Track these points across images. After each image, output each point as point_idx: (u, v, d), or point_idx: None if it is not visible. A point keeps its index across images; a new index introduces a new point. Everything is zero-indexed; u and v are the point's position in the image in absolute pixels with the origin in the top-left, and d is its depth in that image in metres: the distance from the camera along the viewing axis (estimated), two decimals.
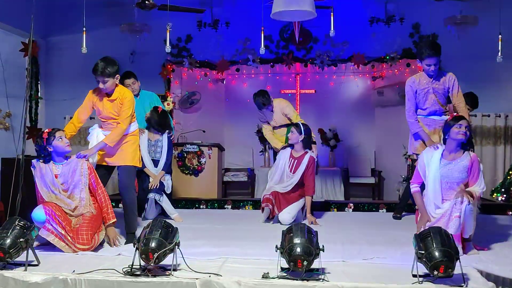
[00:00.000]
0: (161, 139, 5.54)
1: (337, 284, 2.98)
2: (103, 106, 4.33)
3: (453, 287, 2.94)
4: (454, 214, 3.71)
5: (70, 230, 3.84)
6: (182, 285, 3.06)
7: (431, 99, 4.54)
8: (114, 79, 4.24)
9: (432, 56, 4.39)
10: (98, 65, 4.21)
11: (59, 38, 8.31)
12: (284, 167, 5.28)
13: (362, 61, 7.91)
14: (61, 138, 4.03)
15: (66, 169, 4.01)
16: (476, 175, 3.93)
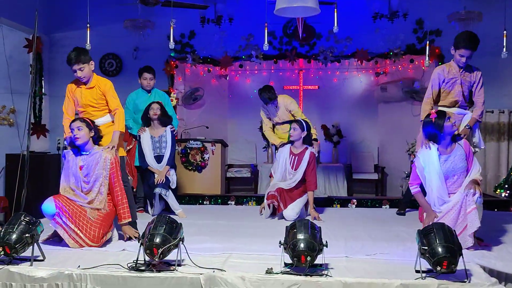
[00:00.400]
0: (165, 134, 5.55)
1: (341, 280, 2.99)
2: (81, 95, 4.40)
3: (456, 282, 2.95)
4: (470, 208, 3.71)
5: (81, 222, 3.83)
6: (187, 280, 3.08)
7: (457, 90, 4.53)
8: (90, 65, 4.36)
9: (467, 48, 4.40)
10: (71, 55, 4.36)
11: (62, 34, 8.35)
12: (285, 164, 5.29)
13: (365, 57, 7.91)
14: (72, 130, 4.02)
15: (90, 160, 3.99)
16: (472, 157, 4.02)
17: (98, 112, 4.39)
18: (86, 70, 4.31)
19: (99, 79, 4.42)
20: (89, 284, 3.10)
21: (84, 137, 3.99)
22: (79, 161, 4.02)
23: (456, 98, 4.56)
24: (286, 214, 5.08)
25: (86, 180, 3.97)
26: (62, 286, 3.11)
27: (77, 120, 4.06)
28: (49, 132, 8.38)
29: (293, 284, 2.99)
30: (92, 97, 4.35)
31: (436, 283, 2.93)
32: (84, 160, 4.01)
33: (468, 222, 3.70)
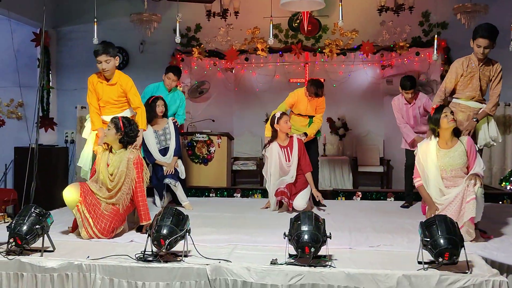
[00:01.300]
0: (168, 126, 5.61)
1: (344, 271, 3.04)
2: (103, 91, 4.46)
3: (458, 273, 2.99)
4: (469, 197, 3.75)
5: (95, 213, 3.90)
6: (193, 270, 3.14)
7: (475, 84, 4.45)
8: (115, 60, 4.41)
9: (484, 37, 4.31)
10: (99, 46, 4.42)
11: (69, 28, 8.42)
12: (280, 160, 5.29)
13: (371, 50, 7.91)
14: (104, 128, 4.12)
15: (116, 159, 4.05)
16: (474, 156, 4.01)
17: (118, 108, 4.45)
18: (111, 64, 4.38)
19: (121, 76, 4.47)
20: (98, 274, 3.18)
21: (109, 137, 4.05)
22: (107, 158, 4.09)
23: (473, 93, 4.48)
24: (296, 204, 5.12)
25: (111, 178, 4.02)
26: (72, 276, 3.18)
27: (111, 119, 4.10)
28: (57, 125, 8.46)
29: (297, 275, 3.04)
30: (113, 94, 4.41)
31: (437, 274, 2.97)
32: (111, 159, 4.08)
33: (464, 210, 3.75)
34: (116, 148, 4.09)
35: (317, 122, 5.81)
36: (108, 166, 4.05)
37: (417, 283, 2.96)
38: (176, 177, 5.42)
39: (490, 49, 4.37)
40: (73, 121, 8.48)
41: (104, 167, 4.04)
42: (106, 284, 3.17)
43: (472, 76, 4.44)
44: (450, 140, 4.05)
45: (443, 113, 4.00)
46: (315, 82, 5.77)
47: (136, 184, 4.02)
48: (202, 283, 3.13)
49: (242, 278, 3.07)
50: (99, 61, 4.36)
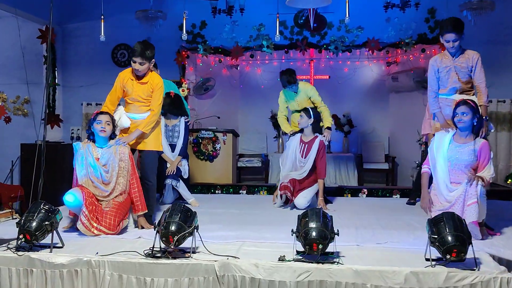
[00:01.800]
0: (178, 124, 5.63)
1: (352, 267, 3.05)
2: (132, 88, 4.41)
3: (465, 270, 3.00)
4: (470, 201, 3.75)
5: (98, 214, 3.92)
6: (201, 267, 3.16)
7: (453, 77, 4.52)
8: (150, 64, 4.34)
9: (450, 31, 4.39)
10: (137, 47, 4.28)
11: (75, 25, 8.43)
12: (295, 153, 5.34)
13: (376, 47, 7.89)
14: (100, 121, 4.09)
15: (106, 153, 4.09)
16: (486, 160, 3.98)
17: (145, 107, 4.42)
18: (145, 67, 4.30)
19: (153, 77, 4.41)
20: (107, 270, 3.19)
21: (108, 132, 4.11)
22: (94, 152, 4.11)
23: (454, 85, 4.55)
24: (297, 202, 5.14)
25: (105, 169, 4.06)
26: (81, 272, 3.20)
27: (107, 115, 4.14)
28: (63, 122, 8.48)
29: (305, 272, 3.06)
30: (142, 93, 4.37)
31: (445, 271, 2.98)
32: (99, 153, 4.11)
33: (465, 213, 3.74)
34: (105, 143, 4.13)
35: (324, 111, 5.76)
36: (97, 160, 4.07)
37: (425, 279, 2.97)
38: (177, 177, 5.44)
39: (459, 41, 4.44)
40: (78, 118, 8.51)
41: (94, 161, 4.07)
42: (115, 280, 3.19)
43: (448, 70, 4.51)
44: (465, 136, 4.05)
45: (455, 112, 4.04)
46: (284, 72, 5.82)
47: (131, 176, 4.11)
48: (211, 279, 3.14)
49: (251, 274, 3.09)
50: (134, 61, 4.29)
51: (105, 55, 8.40)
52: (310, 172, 5.30)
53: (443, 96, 4.61)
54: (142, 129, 4.35)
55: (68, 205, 3.95)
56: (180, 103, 5.71)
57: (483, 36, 7.20)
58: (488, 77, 5.96)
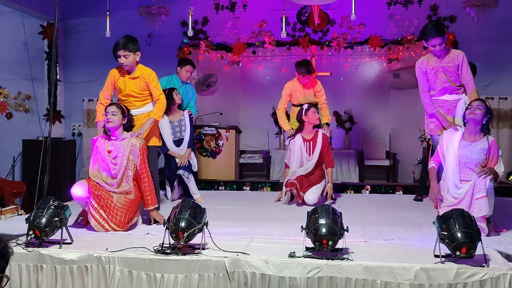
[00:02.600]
0: (183, 117, 5.67)
1: (362, 264, 3.07)
2: (125, 85, 4.44)
3: (475, 267, 3.01)
4: (479, 195, 3.76)
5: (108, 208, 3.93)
6: (212, 263, 3.17)
7: (441, 78, 4.57)
8: (135, 55, 4.38)
9: (435, 36, 4.44)
10: (120, 40, 4.38)
11: (77, 21, 8.40)
12: (301, 151, 5.35)
13: (378, 44, 7.90)
14: (107, 112, 4.10)
15: (118, 145, 4.09)
16: (496, 158, 4.01)
17: (140, 102, 4.45)
18: (130, 59, 4.35)
19: (143, 69, 4.45)
20: (117, 266, 3.20)
21: (116, 122, 4.09)
22: (107, 146, 4.11)
23: (443, 85, 4.59)
24: (307, 198, 5.15)
25: (114, 161, 4.06)
26: (91, 268, 3.21)
27: (113, 105, 4.14)
28: (64, 118, 8.47)
29: (315, 268, 3.07)
30: (135, 87, 4.41)
31: (455, 268, 3.00)
32: (113, 145, 4.11)
33: (473, 207, 3.76)
34: (118, 134, 4.12)
35: (325, 108, 5.81)
36: (109, 152, 4.08)
37: (435, 276, 2.99)
38: (189, 169, 5.44)
39: (444, 44, 4.48)
40: (80, 114, 8.49)
41: (105, 154, 4.07)
42: (125, 276, 3.20)
43: (436, 71, 4.54)
44: (474, 134, 4.06)
45: (470, 105, 4.06)
46: (302, 62, 5.88)
47: (142, 170, 4.09)
48: (221, 275, 3.15)
49: (261, 270, 3.10)
50: (118, 55, 4.35)
51: (106, 51, 8.22)
52: (315, 167, 5.31)
53: (434, 98, 4.66)
54: (154, 117, 4.40)
55: (74, 197, 3.96)
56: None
57: (486, 33, 7.22)
58: (490, 74, 6.00)
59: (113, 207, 3.94)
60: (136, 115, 4.42)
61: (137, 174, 4.11)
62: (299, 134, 5.40)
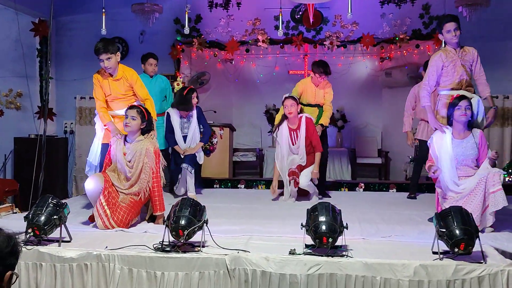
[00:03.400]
0: (192, 114, 5.72)
1: (361, 260, 3.09)
2: (109, 87, 4.49)
3: (473, 263, 3.05)
4: (495, 188, 3.83)
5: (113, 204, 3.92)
6: (212, 260, 3.17)
7: (459, 71, 4.46)
8: (116, 56, 4.43)
9: (450, 21, 4.40)
10: (99, 44, 4.42)
11: (69, 18, 8.32)
12: (288, 142, 5.42)
13: (371, 42, 7.93)
14: (126, 116, 4.09)
15: (132, 148, 4.08)
16: (486, 150, 4.12)
17: (125, 102, 4.47)
18: (113, 61, 4.39)
19: (125, 70, 4.49)
20: (117, 264, 3.19)
21: (134, 127, 4.07)
22: (123, 148, 4.11)
23: (462, 78, 4.49)
24: (300, 181, 5.24)
25: (130, 165, 4.05)
26: (91, 266, 3.20)
27: (134, 109, 4.10)
28: (56, 115, 8.40)
29: (316, 265, 3.09)
30: (120, 89, 4.45)
31: (454, 264, 3.03)
32: (128, 148, 4.10)
33: (490, 201, 3.82)
34: (133, 137, 4.10)
35: (328, 110, 5.85)
36: (125, 155, 4.06)
37: (434, 272, 3.02)
38: (192, 163, 5.50)
39: (459, 32, 4.44)
40: (72, 112, 8.42)
41: (121, 156, 4.06)
42: (125, 274, 3.19)
43: (455, 64, 4.46)
44: (462, 131, 4.14)
45: (458, 105, 4.07)
46: (320, 62, 5.93)
47: (154, 174, 4.06)
48: (221, 273, 3.16)
49: (261, 268, 3.11)
50: (101, 59, 4.39)
51: None
52: (309, 155, 5.41)
53: (447, 93, 4.51)
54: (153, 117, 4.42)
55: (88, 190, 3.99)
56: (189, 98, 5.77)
57: (478, 32, 7.26)
58: None
59: (117, 205, 3.94)
60: (122, 115, 4.38)
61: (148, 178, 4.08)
62: (285, 124, 5.45)
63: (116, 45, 4.51)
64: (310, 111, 5.80)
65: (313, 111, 5.82)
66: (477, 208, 3.82)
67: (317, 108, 5.84)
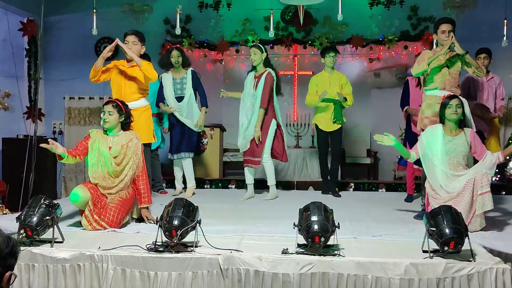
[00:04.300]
0: (185, 75, 5.81)
1: (354, 259, 3.13)
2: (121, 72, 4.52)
3: (463, 261, 3.11)
4: (484, 190, 3.88)
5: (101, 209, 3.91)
6: (205, 260, 3.19)
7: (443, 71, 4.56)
8: (141, 47, 4.51)
9: (446, 23, 4.55)
10: (131, 30, 4.62)
11: (57, 17, 8.25)
12: (250, 87, 5.68)
13: (360, 43, 8.01)
14: (106, 112, 4.06)
15: (117, 141, 4.07)
16: (480, 146, 4.18)
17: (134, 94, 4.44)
18: (136, 49, 4.51)
19: None
20: (111, 265, 3.20)
21: (113, 122, 4.06)
22: (108, 141, 4.08)
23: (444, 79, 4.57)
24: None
25: (117, 160, 4.04)
26: (84, 266, 3.20)
27: (109, 104, 4.09)
28: (45, 116, 8.34)
29: (308, 264, 3.12)
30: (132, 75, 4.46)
31: (444, 262, 3.08)
32: (112, 142, 4.08)
33: (477, 203, 3.88)
34: (115, 131, 4.10)
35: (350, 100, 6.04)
36: (110, 149, 4.04)
37: (424, 271, 3.07)
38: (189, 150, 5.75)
39: (452, 33, 4.54)
40: (61, 112, 8.37)
41: (107, 150, 4.03)
42: (119, 274, 3.19)
43: (441, 64, 4.55)
44: (454, 129, 4.22)
45: (449, 104, 4.14)
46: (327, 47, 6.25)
47: (140, 165, 4.08)
48: (214, 272, 3.18)
49: (254, 267, 3.13)
50: (127, 41, 4.46)
51: (88, 48, 8.29)
52: None
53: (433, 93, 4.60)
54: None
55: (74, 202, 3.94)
56: (187, 58, 5.99)
57: (465, 34, 7.33)
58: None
59: (106, 207, 3.93)
60: (132, 108, 4.39)
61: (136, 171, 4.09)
62: (253, 72, 5.73)
63: (144, 39, 4.60)
64: (324, 107, 5.91)
65: (327, 107, 5.92)
66: (465, 209, 3.86)
67: (333, 104, 5.88)
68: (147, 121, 4.58)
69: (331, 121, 5.88)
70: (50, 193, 7.70)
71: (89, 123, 8.25)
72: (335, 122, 5.88)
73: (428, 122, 4.52)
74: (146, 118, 4.59)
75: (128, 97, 4.47)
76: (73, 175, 8.23)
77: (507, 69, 7.58)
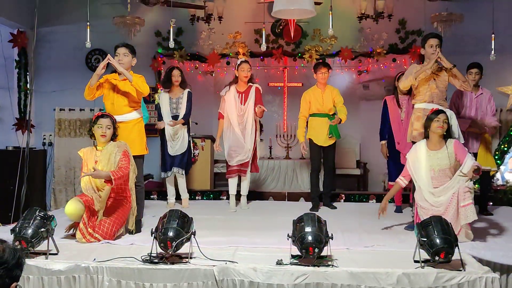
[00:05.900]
0: (182, 96, 6.00)
1: (347, 270, 3.18)
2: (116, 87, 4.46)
3: (453, 271, 3.17)
4: (466, 202, 3.95)
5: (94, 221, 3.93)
6: (200, 272, 3.22)
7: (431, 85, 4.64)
8: (132, 60, 4.48)
9: (434, 37, 4.67)
10: (121, 42, 4.59)
11: (48, 29, 8.26)
12: (236, 102, 5.79)
13: (349, 56, 8.12)
14: (100, 126, 4.08)
15: (104, 154, 4.08)
16: (464, 154, 4.20)
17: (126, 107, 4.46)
18: (127, 60, 4.43)
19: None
20: (106, 276, 3.21)
21: (109, 135, 4.12)
22: (94, 155, 4.11)
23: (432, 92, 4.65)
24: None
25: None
26: (79, 278, 3.21)
27: (107, 118, 4.14)
28: (35, 127, 8.32)
29: (302, 275, 3.16)
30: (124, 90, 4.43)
31: (435, 272, 3.15)
32: (99, 155, 4.10)
33: (461, 215, 3.95)
34: (103, 145, 4.13)
35: (344, 109, 6.06)
36: (96, 163, 4.05)
37: (416, 280, 3.13)
38: (183, 166, 5.89)
39: (440, 47, 4.65)
40: (51, 124, 8.34)
41: (92, 164, 4.04)
42: (114, 286, 3.21)
43: (428, 78, 4.65)
44: (438, 142, 4.29)
45: (437, 118, 4.22)
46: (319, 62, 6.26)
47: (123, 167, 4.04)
48: (209, 283, 3.21)
49: (249, 278, 3.17)
50: (117, 54, 4.43)
51: (78, 60, 8.32)
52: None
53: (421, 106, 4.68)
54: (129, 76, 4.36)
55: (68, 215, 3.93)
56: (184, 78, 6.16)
57: (452, 46, 7.49)
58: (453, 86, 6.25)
59: (100, 220, 3.94)
60: (125, 121, 4.41)
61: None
62: (234, 86, 5.83)
63: (135, 52, 4.56)
64: (319, 122, 5.94)
65: (322, 122, 5.94)
66: (452, 222, 3.91)
67: (327, 119, 5.93)
68: (140, 134, 4.59)
69: (326, 136, 5.92)
70: (39, 205, 7.62)
71: (79, 134, 8.22)
72: (331, 137, 5.92)
73: (417, 134, 4.60)
74: (139, 130, 4.60)
75: (121, 110, 4.46)
76: (62, 187, 8.20)
77: (495, 82, 7.74)
